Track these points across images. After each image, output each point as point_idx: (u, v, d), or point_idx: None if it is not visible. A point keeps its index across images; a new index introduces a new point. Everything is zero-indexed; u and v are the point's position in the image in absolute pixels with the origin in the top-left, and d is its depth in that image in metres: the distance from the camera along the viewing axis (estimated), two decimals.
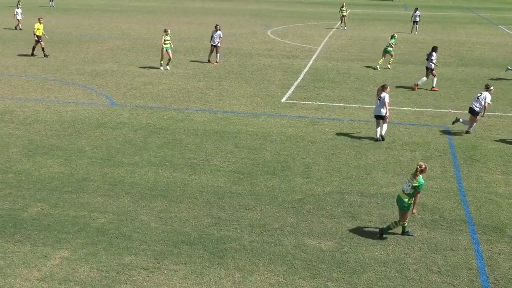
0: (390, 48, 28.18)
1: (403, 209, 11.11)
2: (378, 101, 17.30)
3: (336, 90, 23.37)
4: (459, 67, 28.93)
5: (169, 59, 26.88)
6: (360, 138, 17.42)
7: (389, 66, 28.49)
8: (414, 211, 11.16)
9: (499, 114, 20.18)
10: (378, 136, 17.35)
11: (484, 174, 14.75)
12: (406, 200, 11.03)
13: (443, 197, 13.27)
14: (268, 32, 40.85)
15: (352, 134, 17.75)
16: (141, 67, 27.25)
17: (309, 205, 12.75)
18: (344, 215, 12.28)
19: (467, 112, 18.46)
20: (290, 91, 23.06)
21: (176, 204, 12.61)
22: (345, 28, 43.58)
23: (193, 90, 23.03)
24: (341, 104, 21.20)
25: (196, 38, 37.36)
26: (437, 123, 19.06)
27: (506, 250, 10.95)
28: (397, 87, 24.05)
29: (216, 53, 28.56)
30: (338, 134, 17.77)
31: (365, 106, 20.99)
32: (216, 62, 28.48)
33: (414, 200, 11.03)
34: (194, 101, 21.34)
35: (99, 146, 16.25)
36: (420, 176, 10.96)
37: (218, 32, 28.05)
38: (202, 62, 28.73)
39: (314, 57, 30.99)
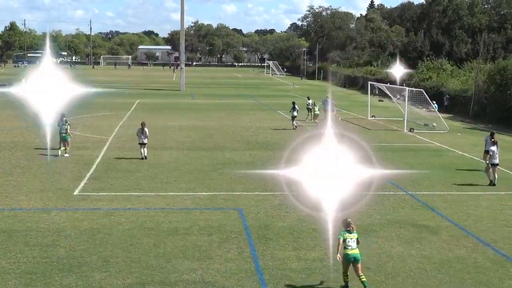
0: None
1: (360, 260, 12.70)
2: (142, 134, 26.83)
3: (130, 179, 23.23)
4: (246, 150, 30.54)
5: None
6: (158, 226, 17.38)
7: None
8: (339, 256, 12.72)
9: (287, 193, 21.49)
10: (143, 156, 26.96)
11: (278, 251, 15.50)
12: (358, 251, 12.74)
13: (242, 278, 13.63)
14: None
15: (150, 223, 17.66)
16: None
17: None
18: None
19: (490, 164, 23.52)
20: (82, 183, 22.42)
21: None
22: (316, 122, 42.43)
23: None
24: (136, 193, 21.08)
25: None
26: (230, 206, 19.76)
27: None
28: (191, 173, 24.61)
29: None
30: (135, 223, 17.57)
31: (160, 193, 21.11)
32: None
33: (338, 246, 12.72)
34: None
35: None
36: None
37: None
38: None
39: (106, 147, 30.65)
